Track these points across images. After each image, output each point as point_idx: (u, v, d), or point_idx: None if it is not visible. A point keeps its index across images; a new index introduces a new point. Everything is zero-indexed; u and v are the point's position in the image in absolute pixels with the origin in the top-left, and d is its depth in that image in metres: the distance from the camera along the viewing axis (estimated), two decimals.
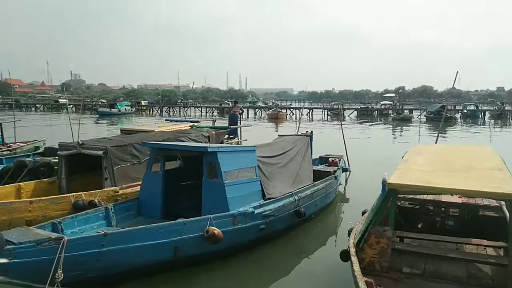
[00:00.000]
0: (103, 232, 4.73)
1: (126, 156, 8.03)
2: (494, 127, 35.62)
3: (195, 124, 12.58)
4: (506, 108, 49.40)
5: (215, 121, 18.08)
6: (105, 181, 7.76)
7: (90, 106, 67.80)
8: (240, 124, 17.07)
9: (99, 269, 4.78)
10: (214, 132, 10.30)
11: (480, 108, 50.97)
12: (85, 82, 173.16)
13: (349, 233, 5.30)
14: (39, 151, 15.25)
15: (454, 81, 11.96)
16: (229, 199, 6.08)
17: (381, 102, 57.71)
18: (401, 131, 31.90)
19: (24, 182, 7.92)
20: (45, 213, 6.66)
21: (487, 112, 48.81)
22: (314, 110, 54.90)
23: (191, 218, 5.57)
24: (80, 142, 7.89)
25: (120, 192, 7.56)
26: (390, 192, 4.42)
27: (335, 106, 51.26)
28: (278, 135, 10.07)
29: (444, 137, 24.35)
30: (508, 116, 44.68)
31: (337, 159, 10.58)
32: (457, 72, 11.89)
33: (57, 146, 13.21)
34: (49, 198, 6.75)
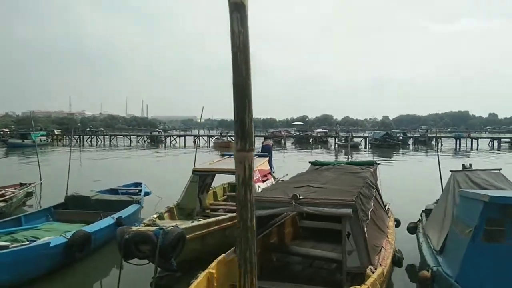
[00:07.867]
0: None
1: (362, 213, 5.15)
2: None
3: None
4: (429, 135, 53.85)
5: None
6: (348, 256, 4.79)
7: None
8: (271, 157, 15.19)
9: None
10: (371, 169, 7.77)
11: (409, 135, 54.84)
12: None
13: None
14: (30, 197, 10.89)
15: None
16: None
17: (316, 130, 58.64)
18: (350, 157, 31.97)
19: None
20: None
21: (413, 139, 52.54)
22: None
23: None
24: (297, 196, 4.80)
25: (377, 273, 4.62)
26: None
27: (276, 134, 50.42)
28: None
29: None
30: (433, 142, 48.36)
31: None
32: None
33: (87, 194, 9.16)
34: None
